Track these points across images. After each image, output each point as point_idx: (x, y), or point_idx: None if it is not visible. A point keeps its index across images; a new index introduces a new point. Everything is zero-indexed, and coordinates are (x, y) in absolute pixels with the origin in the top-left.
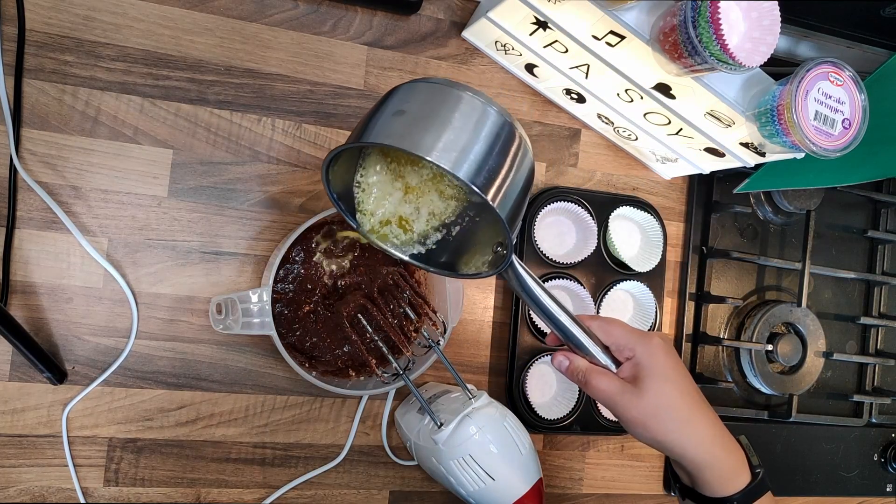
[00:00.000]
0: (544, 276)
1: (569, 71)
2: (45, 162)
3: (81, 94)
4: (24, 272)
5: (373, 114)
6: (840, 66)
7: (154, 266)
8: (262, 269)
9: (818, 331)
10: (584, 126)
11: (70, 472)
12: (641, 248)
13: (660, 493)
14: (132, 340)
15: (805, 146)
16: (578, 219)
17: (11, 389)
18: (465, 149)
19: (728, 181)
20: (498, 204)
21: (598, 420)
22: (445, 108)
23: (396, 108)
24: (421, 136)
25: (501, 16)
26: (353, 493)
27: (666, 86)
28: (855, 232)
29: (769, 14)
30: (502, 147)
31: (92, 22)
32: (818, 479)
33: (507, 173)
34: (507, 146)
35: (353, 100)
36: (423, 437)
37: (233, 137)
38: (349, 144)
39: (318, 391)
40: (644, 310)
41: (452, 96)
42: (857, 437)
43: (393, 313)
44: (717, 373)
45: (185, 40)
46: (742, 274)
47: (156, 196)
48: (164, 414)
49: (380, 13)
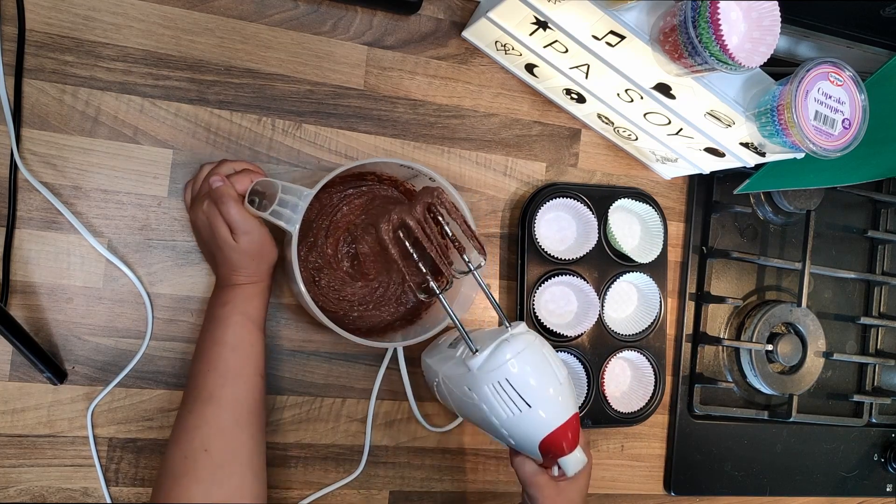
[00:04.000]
0: (547, 273)
1: (569, 71)
2: (45, 162)
3: (81, 94)
4: (24, 272)
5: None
6: (840, 66)
7: (154, 266)
8: None
9: (818, 331)
10: (584, 126)
11: (97, 472)
12: (642, 238)
13: (660, 493)
14: (147, 340)
15: (805, 146)
16: (578, 214)
17: (11, 389)
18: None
19: (728, 181)
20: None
21: (608, 413)
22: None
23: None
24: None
25: (501, 16)
26: (353, 493)
27: (666, 86)
28: (855, 232)
29: (769, 14)
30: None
31: (92, 22)
32: (818, 479)
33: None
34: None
35: (353, 100)
36: (454, 368)
37: (233, 137)
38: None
39: (319, 391)
40: (648, 301)
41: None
42: (857, 437)
43: (433, 235)
44: (717, 373)
45: (185, 40)
46: (742, 274)
47: (156, 196)
48: (164, 414)
49: (380, 13)
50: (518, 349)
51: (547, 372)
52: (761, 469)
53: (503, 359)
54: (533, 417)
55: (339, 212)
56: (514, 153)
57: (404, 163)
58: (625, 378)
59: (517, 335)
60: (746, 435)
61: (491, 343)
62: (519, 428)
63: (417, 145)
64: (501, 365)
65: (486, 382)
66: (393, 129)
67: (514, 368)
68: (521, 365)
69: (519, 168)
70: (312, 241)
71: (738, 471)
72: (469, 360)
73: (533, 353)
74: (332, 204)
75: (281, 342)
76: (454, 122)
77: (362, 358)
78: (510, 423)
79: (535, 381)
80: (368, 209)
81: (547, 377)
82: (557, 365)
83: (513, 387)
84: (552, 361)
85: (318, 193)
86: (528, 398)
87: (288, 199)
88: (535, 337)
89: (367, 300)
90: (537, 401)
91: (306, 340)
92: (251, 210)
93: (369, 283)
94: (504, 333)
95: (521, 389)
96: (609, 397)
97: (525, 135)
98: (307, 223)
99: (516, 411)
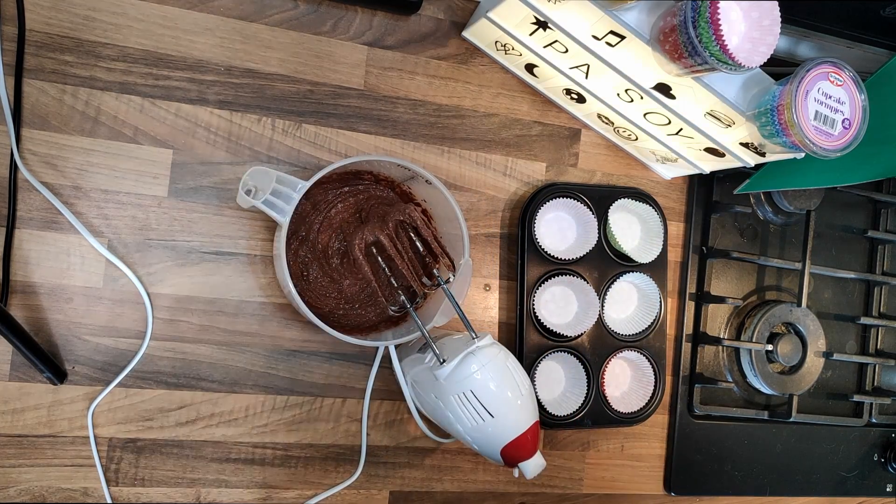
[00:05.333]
0: (547, 273)
1: (569, 71)
2: (45, 162)
3: (81, 94)
4: (24, 272)
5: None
6: (840, 66)
7: (154, 266)
8: (262, 269)
9: (818, 331)
10: (584, 126)
11: (98, 472)
12: (642, 238)
13: (660, 494)
14: (147, 340)
15: (805, 146)
16: (578, 214)
17: (11, 389)
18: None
19: (728, 181)
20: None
21: (608, 413)
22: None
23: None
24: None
25: (501, 16)
26: (354, 493)
27: (666, 86)
28: (855, 232)
29: (769, 14)
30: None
31: (92, 22)
32: (818, 479)
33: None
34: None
35: (353, 100)
36: (423, 374)
37: (233, 137)
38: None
39: (319, 391)
40: (648, 301)
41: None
42: (857, 437)
43: (405, 251)
44: (717, 373)
45: (185, 40)
46: (742, 274)
47: (156, 196)
48: (164, 414)
49: (380, 13)
50: (483, 362)
51: (510, 384)
52: (761, 469)
53: (469, 371)
54: (495, 426)
55: (333, 208)
56: (514, 153)
57: (401, 162)
58: (625, 378)
59: (483, 348)
60: (746, 435)
61: (457, 355)
62: (482, 435)
63: (417, 145)
64: (467, 377)
65: (452, 392)
66: (393, 129)
67: (478, 380)
68: (485, 377)
69: (519, 168)
70: (304, 235)
71: (738, 471)
72: (436, 369)
73: (497, 366)
74: (327, 200)
75: (281, 342)
76: (454, 122)
77: (362, 358)
78: (474, 431)
79: (498, 393)
80: (363, 208)
81: (510, 389)
82: (521, 376)
83: (477, 398)
84: (515, 373)
85: (314, 190)
86: (492, 409)
87: (282, 189)
88: (499, 350)
89: (353, 299)
90: (500, 411)
91: (306, 340)
92: (246, 199)
93: (358, 282)
94: (471, 346)
95: (485, 400)
96: (609, 397)
97: (525, 135)
98: (300, 217)
99: (480, 420)
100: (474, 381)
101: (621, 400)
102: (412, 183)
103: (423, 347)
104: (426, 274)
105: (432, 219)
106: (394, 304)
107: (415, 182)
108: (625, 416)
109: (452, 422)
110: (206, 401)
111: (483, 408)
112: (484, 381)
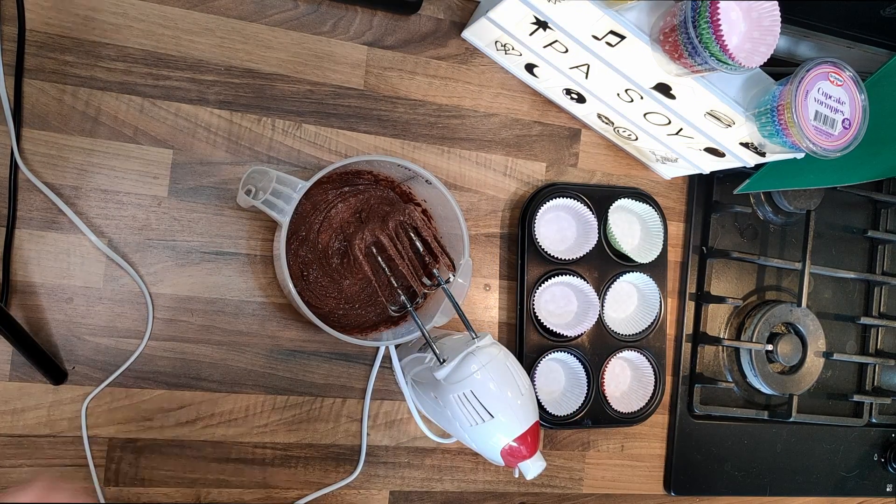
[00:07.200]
0: (547, 273)
1: (569, 71)
2: (45, 162)
3: (81, 94)
4: (24, 272)
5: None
6: (840, 66)
7: (154, 266)
8: (262, 269)
9: (818, 331)
10: (584, 126)
11: (91, 471)
12: (642, 238)
13: (660, 494)
14: (146, 340)
15: (805, 146)
16: (578, 214)
17: (11, 389)
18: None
19: (728, 181)
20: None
21: (608, 413)
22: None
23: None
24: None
25: (501, 16)
26: (354, 493)
27: (666, 86)
28: (855, 232)
29: (769, 14)
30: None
31: (92, 22)
32: (818, 479)
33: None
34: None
35: (353, 100)
36: (423, 374)
37: (233, 137)
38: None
39: (319, 391)
40: (648, 301)
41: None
42: (857, 437)
43: (405, 251)
44: (717, 373)
45: (185, 40)
46: (742, 274)
47: (156, 196)
48: (164, 414)
49: (380, 13)
50: (483, 362)
51: (510, 384)
52: (761, 469)
53: (468, 371)
54: (495, 427)
55: (333, 208)
56: (514, 153)
57: (402, 162)
58: (625, 378)
59: (482, 348)
60: (746, 435)
61: (457, 355)
62: (482, 436)
63: (417, 145)
64: (467, 377)
65: (452, 392)
66: (393, 129)
67: (478, 380)
68: (485, 377)
69: (519, 168)
70: (304, 235)
71: (738, 471)
72: (436, 370)
73: (497, 366)
74: (327, 200)
75: (281, 342)
76: (454, 122)
77: (362, 358)
78: (473, 431)
79: (498, 393)
80: (363, 208)
81: (510, 389)
82: (521, 376)
83: (477, 398)
84: (515, 373)
85: (314, 190)
86: (492, 409)
87: (282, 189)
88: (499, 350)
89: (353, 299)
90: (500, 411)
91: (306, 340)
92: (246, 199)
93: (358, 282)
94: (470, 346)
95: (485, 401)
96: (609, 397)
97: (525, 135)
98: (300, 217)
99: (479, 420)
100: (474, 381)
101: (621, 400)
102: (412, 183)
103: (423, 347)
104: (426, 274)
105: (432, 219)
106: (394, 304)
107: (415, 182)
108: (625, 416)
109: (452, 422)
110: (206, 401)
111: (483, 408)
112: (484, 381)
